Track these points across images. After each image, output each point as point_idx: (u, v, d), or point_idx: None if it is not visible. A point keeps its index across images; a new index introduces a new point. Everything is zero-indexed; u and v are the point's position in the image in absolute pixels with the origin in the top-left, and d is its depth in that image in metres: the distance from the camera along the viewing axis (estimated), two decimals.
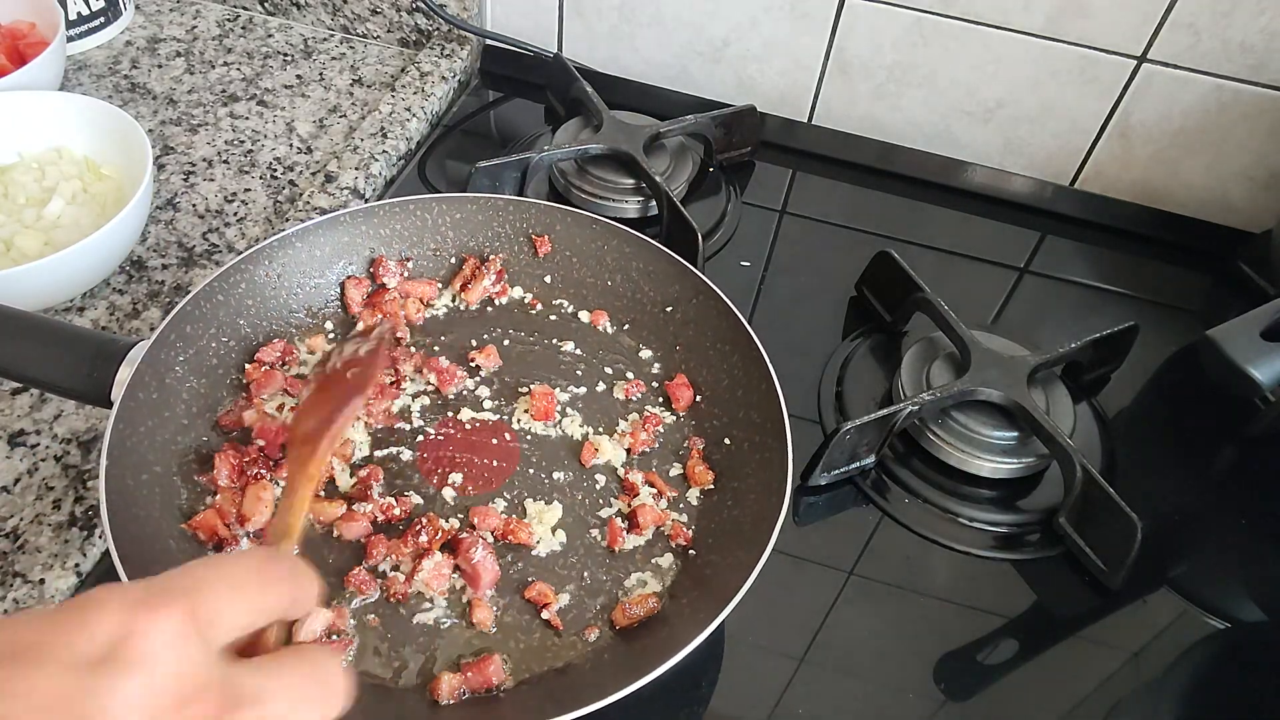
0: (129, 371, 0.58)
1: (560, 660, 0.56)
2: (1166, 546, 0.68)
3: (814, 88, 0.97)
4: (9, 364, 0.59)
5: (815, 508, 0.68)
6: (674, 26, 0.96)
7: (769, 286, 0.84)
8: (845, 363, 0.77)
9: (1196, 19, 0.82)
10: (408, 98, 0.94)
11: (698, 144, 0.93)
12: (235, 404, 0.65)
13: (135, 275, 0.77)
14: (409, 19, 1.01)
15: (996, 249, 0.90)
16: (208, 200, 0.84)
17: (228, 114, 0.93)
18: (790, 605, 0.63)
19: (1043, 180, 0.95)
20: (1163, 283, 0.89)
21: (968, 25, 0.88)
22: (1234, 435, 0.77)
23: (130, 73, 0.96)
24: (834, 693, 0.59)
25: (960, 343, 0.72)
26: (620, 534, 0.61)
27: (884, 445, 0.69)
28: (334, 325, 0.71)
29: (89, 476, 0.64)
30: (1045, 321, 0.84)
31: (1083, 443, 0.72)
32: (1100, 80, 0.88)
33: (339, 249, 0.72)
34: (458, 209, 0.75)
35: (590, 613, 0.58)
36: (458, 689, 0.53)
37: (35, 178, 0.79)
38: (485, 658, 0.55)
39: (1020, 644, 0.63)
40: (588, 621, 0.58)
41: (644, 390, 0.70)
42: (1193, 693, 0.62)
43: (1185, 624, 0.65)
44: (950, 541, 0.67)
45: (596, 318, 0.74)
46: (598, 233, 0.74)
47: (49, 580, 0.58)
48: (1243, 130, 0.88)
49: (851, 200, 0.93)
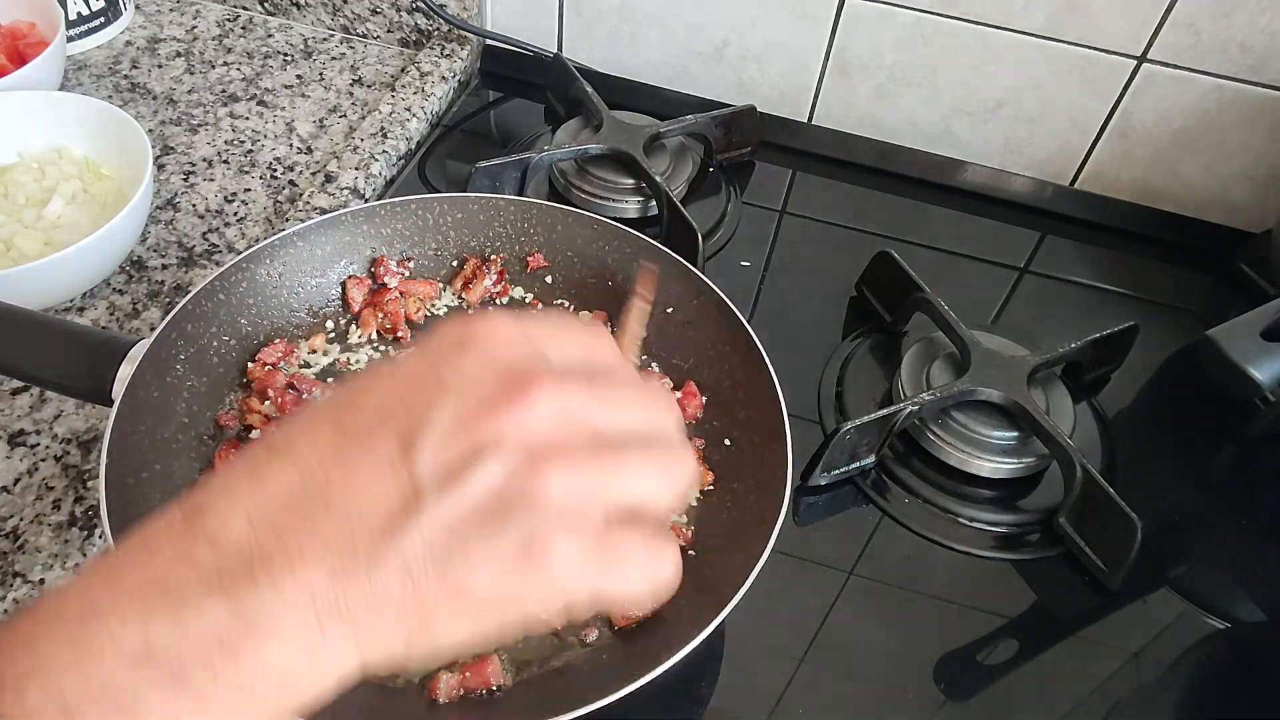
0: (130, 369, 0.58)
1: (559, 661, 0.56)
2: (1166, 546, 0.68)
3: (814, 88, 0.97)
4: (10, 361, 0.59)
5: (815, 508, 0.68)
6: (674, 26, 0.96)
7: (769, 286, 0.84)
8: (845, 363, 0.77)
9: (1196, 19, 0.82)
10: (408, 98, 0.94)
11: (698, 144, 0.93)
12: (236, 403, 0.65)
13: (135, 275, 0.77)
14: (409, 19, 1.01)
15: (996, 249, 0.90)
16: (208, 200, 0.84)
17: (228, 114, 0.93)
18: (790, 605, 0.63)
19: (1043, 180, 0.95)
20: (1163, 283, 0.89)
21: (968, 25, 0.88)
22: (1234, 435, 0.77)
23: (130, 73, 0.96)
24: (834, 693, 0.59)
25: (960, 343, 0.72)
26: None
27: (884, 445, 0.69)
28: (335, 324, 0.71)
29: (89, 476, 0.64)
30: (1045, 321, 0.84)
31: (1083, 443, 0.72)
32: (1100, 80, 0.88)
33: (340, 248, 0.72)
34: (459, 208, 0.75)
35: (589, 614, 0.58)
36: (456, 689, 0.53)
37: (35, 178, 0.79)
38: (484, 658, 0.55)
39: (1020, 644, 0.63)
40: (587, 622, 0.58)
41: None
42: (1193, 693, 0.62)
43: (1185, 624, 0.65)
44: (950, 541, 0.67)
45: (598, 318, 0.74)
46: (598, 233, 0.74)
47: (49, 580, 0.58)
48: (1243, 130, 0.88)
49: (851, 200, 0.93)
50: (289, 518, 0.30)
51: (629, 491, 0.33)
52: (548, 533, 0.31)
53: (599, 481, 0.32)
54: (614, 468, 0.33)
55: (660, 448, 0.34)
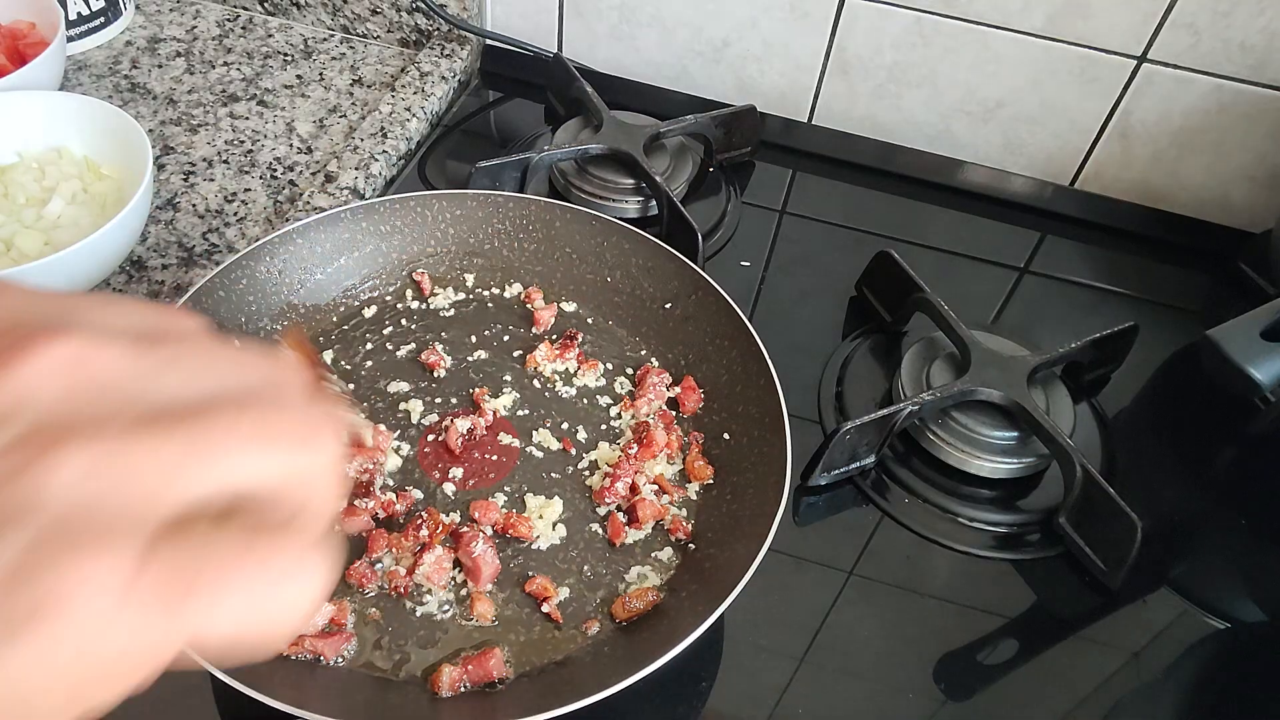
0: None
1: (560, 653, 0.56)
2: (1166, 546, 0.68)
3: (814, 88, 0.97)
4: None
5: (815, 508, 0.68)
6: (674, 26, 0.96)
7: (769, 286, 0.84)
8: (845, 363, 0.77)
9: (1196, 19, 0.82)
10: (408, 98, 0.94)
11: (698, 144, 0.93)
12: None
13: (135, 275, 0.77)
14: (409, 19, 1.01)
15: (996, 249, 0.90)
16: (208, 200, 0.84)
17: (228, 114, 0.93)
18: (790, 605, 0.63)
19: (1043, 180, 0.95)
20: (1163, 283, 0.89)
21: (968, 25, 0.88)
22: (1234, 435, 0.77)
23: (130, 73, 0.96)
24: (834, 693, 0.59)
25: (960, 343, 0.72)
26: (621, 528, 0.62)
27: (884, 445, 0.69)
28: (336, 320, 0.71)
29: None
30: (1045, 321, 0.84)
31: (1083, 443, 0.72)
32: (1100, 80, 0.88)
33: (340, 245, 0.72)
34: (458, 205, 0.75)
35: (590, 606, 0.58)
36: (458, 681, 0.54)
37: (35, 178, 0.79)
38: (486, 651, 0.55)
39: (1020, 644, 0.63)
40: (588, 615, 0.58)
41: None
42: (1193, 693, 0.62)
43: (1185, 624, 0.65)
44: (950, 541, 0.67)
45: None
46: (597, 229, 0.74)
47: None
48: (1243, 130, 0.88)
49: (851, 200, 0.93)
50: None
51: (210, 476, 0.22)
52: (54, 556, 0.19)
53: (144, 465, 0.21)
54: (175, 443, 0.21)
55: (258, 409, 0.23)
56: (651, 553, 0.61)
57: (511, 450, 0.66)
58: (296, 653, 0.53)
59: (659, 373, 0.70)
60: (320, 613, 0.55)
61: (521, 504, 0.63)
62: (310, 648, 0.54)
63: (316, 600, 0.23)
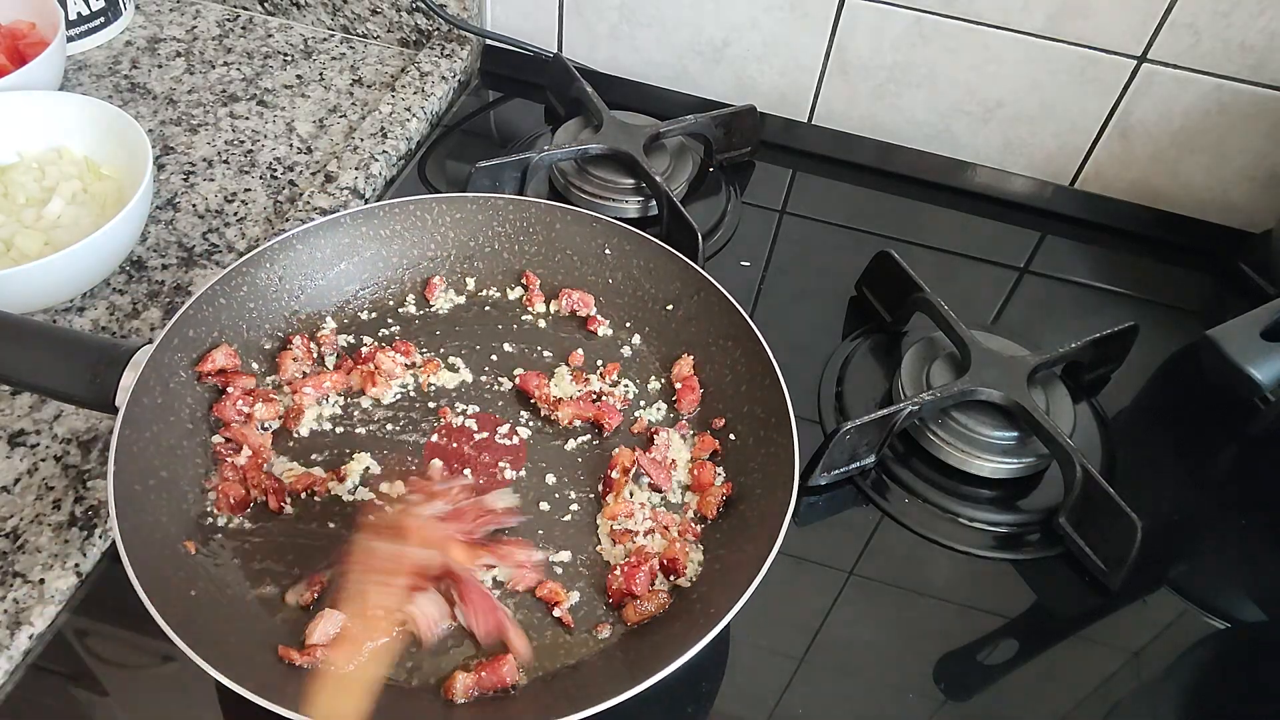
0: (133, 377, 0.58)
1: (572, 658, 0.56)
2: (1166, 546, 0.68)
3: (814, 88, 0.97)
4: (11, 371, 0.58)
5: (815, 508, 0.68)
6: (674, 26, 0.96)
7: (769, 286, 0.84)
8: (845, 363, 0.77)
9: (1196, 19, 0.82)
10: (408, 98, 0.94)
11: (698, 144, 0.93)
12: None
13: (135, 275, 0.77)
14: (409, 19, 1.01)
15: (996, 249, 0.90)
16: (208, 200, 0.84)
17: (228, 114, 0.93)
18: (791, 605, 0.63)
19: (1043, 180, 0.95)
20: (1163, 283, 0.89)
21: (968, 25, 0.88)
22: (1234, 435, 0.77)
23: (130, 73, 0.96)
24: (834, 692, 0.59)
25: (960, 343, 0.72)
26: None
27: (884, 445, 0.69)
28: (336, 324, 0.71)
29: (89, 476, 0.64)
30: (1045, 321, 0.84)
31: (1083, 443, 0.72)
32: (1100, 80, 0.88)
33: (340, 250, 0.72)
34: (458, 209, 0.75)
35: (601, 610, 0.58)
36: (471, 688, 0.54)
37: (35, 178, 0.79)
38: (498, 657, 0.55)
39: (1020, 644, 0.63)
40: (599, 619, 0.58)
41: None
42: (1193, 693, 0.62)
43: (1185, 624, 0.65)
44: (950, 541, 0.67)
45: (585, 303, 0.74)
46: (598, 230, 0.74)
47: (49, 580, 0.58)
48: (1243, 130, 0.88)
49: (851, 200, 0.93)
50: None
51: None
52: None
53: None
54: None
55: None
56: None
57: (518, 452, 0.66)
58: (309, 662, 0.53)
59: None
60: (332, 621, 0.55)
61: (536, 509, 0.63)
62: (323, 657, 0.54)
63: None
